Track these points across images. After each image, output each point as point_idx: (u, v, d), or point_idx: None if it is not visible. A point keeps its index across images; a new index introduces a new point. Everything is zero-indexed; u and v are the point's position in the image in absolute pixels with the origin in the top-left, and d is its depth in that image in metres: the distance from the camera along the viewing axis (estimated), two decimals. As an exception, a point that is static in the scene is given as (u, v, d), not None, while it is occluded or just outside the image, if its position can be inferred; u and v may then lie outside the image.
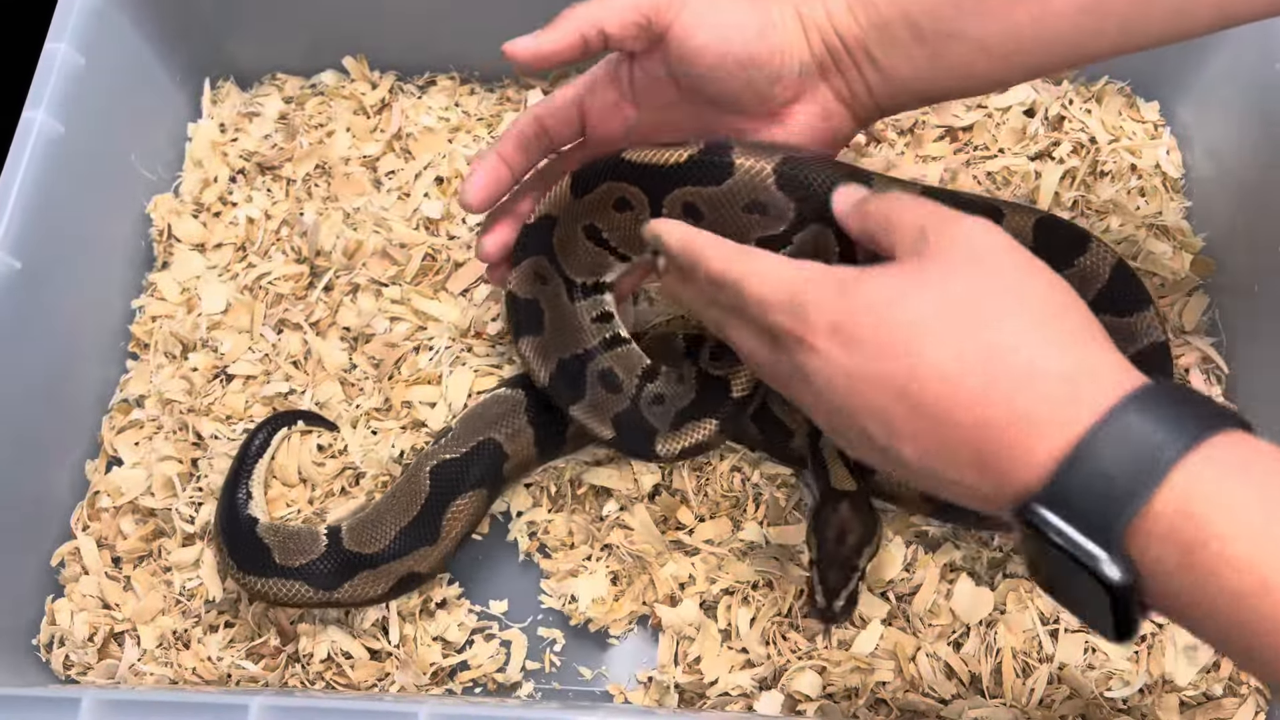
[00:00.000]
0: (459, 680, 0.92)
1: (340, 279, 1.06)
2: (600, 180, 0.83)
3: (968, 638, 0.88)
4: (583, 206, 0.84)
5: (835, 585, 0.77)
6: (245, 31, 1.14)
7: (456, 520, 0.90)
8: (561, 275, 0.88)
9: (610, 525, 0.93)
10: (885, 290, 0.58)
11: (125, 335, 1.08)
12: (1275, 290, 0.92)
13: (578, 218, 0.85)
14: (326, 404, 1.00)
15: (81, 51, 1.00)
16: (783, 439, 0.91)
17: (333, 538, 0.91)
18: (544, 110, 0.82)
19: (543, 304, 0.88)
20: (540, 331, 0.88)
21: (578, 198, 0.84)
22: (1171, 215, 1.02)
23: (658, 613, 0.90)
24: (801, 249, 0.80)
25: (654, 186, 0.81)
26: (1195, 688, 0.85)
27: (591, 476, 0.95)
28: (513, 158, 0.82)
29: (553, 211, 0.86)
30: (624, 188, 0.83)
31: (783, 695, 0.86)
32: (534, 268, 0.88)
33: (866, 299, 0.59)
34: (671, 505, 0.93)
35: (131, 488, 0.98)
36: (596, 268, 0.88)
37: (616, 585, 0.93)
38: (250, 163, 1.14)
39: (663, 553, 0.91)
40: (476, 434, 0.92)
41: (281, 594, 0.89)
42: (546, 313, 0.88)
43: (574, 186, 0.84)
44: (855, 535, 0.79)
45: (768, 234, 0.80)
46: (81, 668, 0.95)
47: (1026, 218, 0.87)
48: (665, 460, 0.90)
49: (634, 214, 0.83)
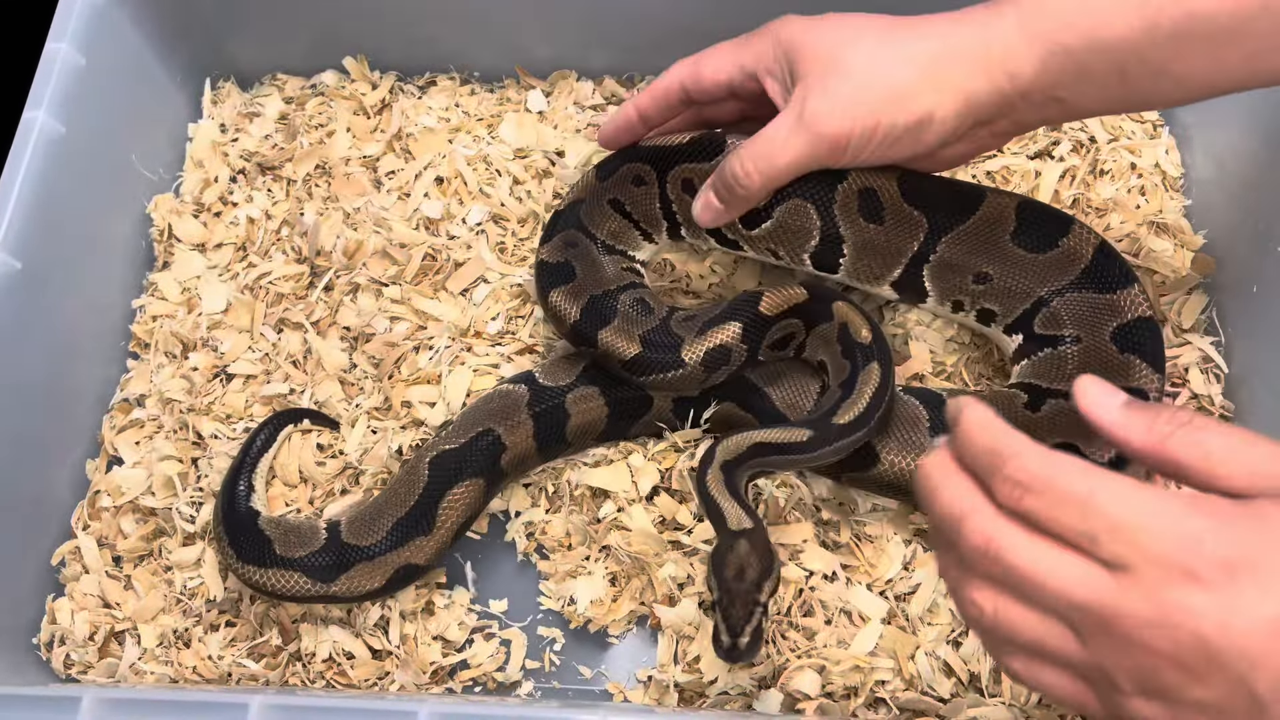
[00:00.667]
0: (459, 679, 0.92)
1: (340, 279, 1.06)
2: (620, 164, 0.95)
3: (966, 636, 0.88)
4: (606, 186, 0.95)
5: (738, 622, 0.75)
6: (246, 32, 1.14)
7: (452, 510, 0.91)
8: (591, 238, 0.95)
9: (608, 527, 0.93)
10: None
11: (126, 335, 1.08)
12: (1274, 290, 0.92)
13: (602, 195, 0.95)
14: (326, 403, 1.01)
15: (82, 52, 1.00)
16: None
17: (332, 531, 0.92)
18: (692, 84, 0.86)
19: (573, 261, 0.93)
20: (571, 279, 0.92)
21: (602, 181, 0.95)
22: (1171, 213, 1.02)
23: (656, 613, 0.90)
24: (784, 220, 0.89)
25: (661, 164, 0.93)
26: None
27: (589, 478, 0.95)
28: (648, 110, 0.90)
29: (581, 195, 0.96)
30: (639, 167, 0.94)
31: (782, 694, 0.86)
32: (564, 239, 0.95)
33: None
34: (671, 506, 0.93)
35: (132, 487, 0.99)
36: (621, 236, 0.97)
37: (615, 586, 0.93)
38: (251, 163, 1.14)
39: (660, 553, 0.91)
40: (476, 425, 0.93)
41: (280, 585, 0.89)
42: (577, 266, 0.93)
43: (599, 172, 0.96)
44: (755, 571, 0.76)
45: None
46: (82, 666, 0.95)
47: (1009, 201, 0.89)
48: (689, 375, 0.89)
49: (647, 188, 0.94)
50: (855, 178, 0.87)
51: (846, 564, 0.91)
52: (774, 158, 0.79)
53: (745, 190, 0.82)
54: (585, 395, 0.93)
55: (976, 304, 0.92)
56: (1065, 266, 0.89)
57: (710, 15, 1.05)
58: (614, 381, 0.93)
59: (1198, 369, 0.96)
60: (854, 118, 0.76)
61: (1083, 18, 0.71)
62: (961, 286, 0.91)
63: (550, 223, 0.97)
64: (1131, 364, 0.87)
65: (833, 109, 0.76)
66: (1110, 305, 0.88)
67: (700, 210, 0.87)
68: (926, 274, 0.91)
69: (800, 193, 0.87)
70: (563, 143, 1.11)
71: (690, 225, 0.93)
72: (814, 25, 0.79)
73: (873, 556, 0.91)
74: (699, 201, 0.87)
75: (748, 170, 0.80)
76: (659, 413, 0.94)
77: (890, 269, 0.91)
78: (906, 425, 0.88)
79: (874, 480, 0.89)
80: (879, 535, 0.92)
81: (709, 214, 0.86)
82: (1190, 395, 0.96)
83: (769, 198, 0.86)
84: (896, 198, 0.88)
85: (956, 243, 0.89)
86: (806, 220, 0.89)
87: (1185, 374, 0.96)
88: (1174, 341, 0.97)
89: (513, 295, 1.04)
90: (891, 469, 0.87)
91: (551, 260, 0.94)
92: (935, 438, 0.61)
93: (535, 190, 1.09)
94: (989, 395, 0.91)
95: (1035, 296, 0.90)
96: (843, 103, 0.76)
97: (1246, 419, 0.94)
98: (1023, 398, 0.88)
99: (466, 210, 1.08)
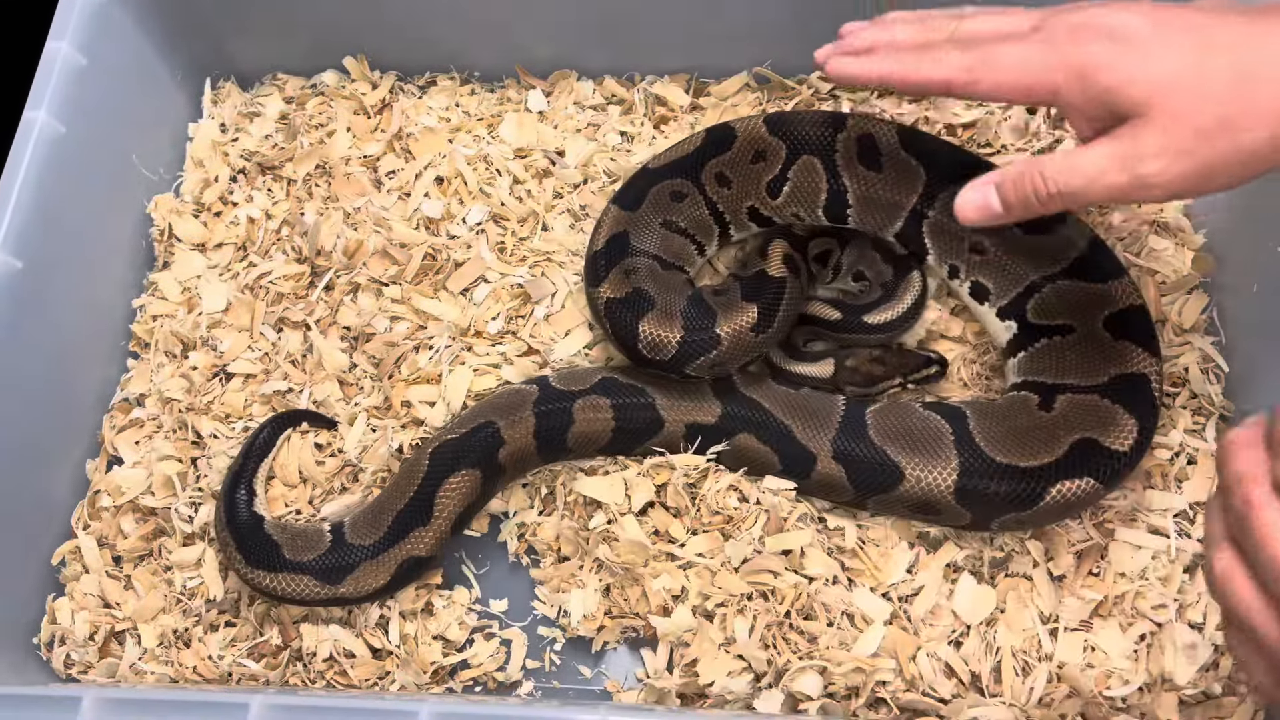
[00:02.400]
0: (459, 679, 0.92)
1: (340, 278, 1.06)
2: (645, 187, 0.97)
3: (967, 637, 0.87)
4: (645, 212, 0.96)
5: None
6: (246, 31, 1.14)
7: (449, 499, 0.91)
8: (651, 256, 0.96)
9: (598, 538, 0.92)
10: None
11: (126, 334, 1.08)
12: (1275, 289, 0.92)
13: (649, 220, 0.97)
14: (324, 402, 1.01)
15: (83, 51, 1.00)
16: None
17: (336, 533, 0.92)
18: (962, 91, 0.74)
19: (643, 286, 0.92)
20: (653, 305, 0.91)
21: (630, 210, 0.96)
22: (1172, 212, 1.02)
23: (651, 623, 0.89)
24: (797, 179, 0.94)
25: (689, 170, 0.97)
26: (1194, 686, 0.84)
27: (583, 486, 0.94)
28: (898, 87, 0.77)
29: (619, 228, 0.95)
30: (671, 184, 0.97)
31: (783, 694, 0.86)
32: (621, 271, 0.93)
33: None
34: (665, 520, 0.92)
35: (132, 487, 0.99)
36: (681, 253, 0.98)
37: (608, 597, 0.92)
38: (251, 162, 1.14)
39: (650, 561, 0.90)
40: (479, 417, 0.93)
41: (290, 589, 0.89)
42: (649, 289, 0.92)
43: (620, 203, 0.97)
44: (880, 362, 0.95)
45: (771, 176, 0.95)
46: (82, 666, 0.95)
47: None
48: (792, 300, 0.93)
49: (689, 200, 0.97)
50: (855, 124, 0.93)
51: (850, 567, 0.90)
52: (1085, 192, 0.70)
53: (1037, 206, 0.72)
54: (593, 404, 0.92)
55: (971, 274, 0.94)
56: (1058, 253, 0.91)
57: (712, 15, 1.05)
58: (626, 395, 0.92)
59: (1198, 368, 0.96)
60: (1183, 174, 0.67)
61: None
62: (958, 251, 0.94)
63: (591, 263, 0.95)
64: (1127, 350, 0.87)
65: (1163, 163, 0.67)
66: (1102, 295, 0.89)
67: (972, 210, 0.75)
68: (926, 229, 0.94)
69: (806, 148, 0.93)
70: (563, 142, 1.11)
71: (738, 223, 0.98)
72: (1133, 62, 0.68)
73: (878, 560, 0.91)
74: (970, 200, 0.75)
75: (1048, 186, 0.71)
76: (670, 437, 0.93)
77: (893, 220, 0.94)
78: (930, 441, 0.87)
79: (900, 500, 0.87)
80: (883, 539, 0.92)
81: (981, 214, 0.75)
82: (1190, 395, 0.95)
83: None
84: (895, 145, 0.92)
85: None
86: (815, 176, 0.94)
87: (1185, 373, 0.96)
88: (1174, 341, 0.97)
89: (513, 295, 1.03)
90: (917, 485, 0.86)
91: (620, 295, 0.91)
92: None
93: (535, 190, 1.09)
94: (1003, 403, 0.91)
95: (1028, 280, 0.91)
96: (1172, 152, 0.67)
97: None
98: (1034, 399, 0.88)
99: (466, 210, 1.08)
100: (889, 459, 0.86)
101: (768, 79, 1.11)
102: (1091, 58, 0.68)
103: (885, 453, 0.87)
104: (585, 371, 0.96)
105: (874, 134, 0.93)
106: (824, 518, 0.92)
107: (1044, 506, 0.84)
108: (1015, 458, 0.84)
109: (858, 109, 1.04)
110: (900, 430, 0.88)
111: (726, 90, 1.12)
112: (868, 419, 0.90)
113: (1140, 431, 0.84)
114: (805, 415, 0.91)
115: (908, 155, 0.92)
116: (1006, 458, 0.85)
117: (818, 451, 0.89)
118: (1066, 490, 0.83)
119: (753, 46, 1.09)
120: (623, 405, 0.92)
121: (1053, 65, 0.70)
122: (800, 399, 0.92)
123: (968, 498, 0.85)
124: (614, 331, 0.91)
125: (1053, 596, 0.88)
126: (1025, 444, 0.85)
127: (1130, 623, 0.87)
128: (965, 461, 0.85)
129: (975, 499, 0.85)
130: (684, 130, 1.09)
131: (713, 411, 0.92)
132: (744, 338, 0.89)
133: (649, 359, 0.90)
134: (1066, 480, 0.83)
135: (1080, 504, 0.84)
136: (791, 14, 1.03)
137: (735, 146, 0.96)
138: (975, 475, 0.85)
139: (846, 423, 0.89)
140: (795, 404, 0.92)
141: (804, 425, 0.90)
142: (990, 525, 0.88)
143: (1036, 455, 0.84)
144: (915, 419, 0.89)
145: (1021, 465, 0.84)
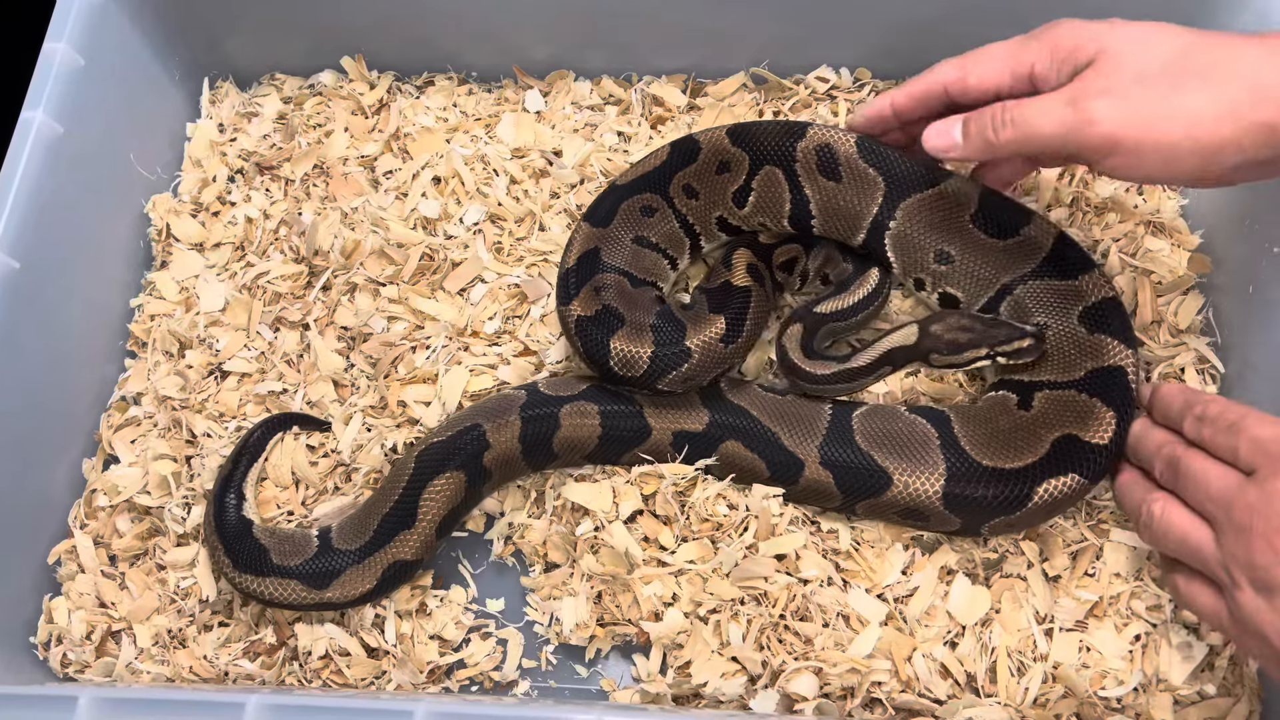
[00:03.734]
0: (456, 678, 0.92)
1: (338, 278, 1.06)
2: (615, 203, 0.97)
3: (963, 637, 0.88)
4: (616, 228, 0.96)
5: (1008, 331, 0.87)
6: (244, 32, 1.14)
7: (432, 502, 0.91)
8: (621, 273, 0.95)
9: (585, 546, 0.92)
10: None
11: (124, 334, 1.08)
12: (1271, 290, 0.92)
13: (620, 236, 0.96)
14: (319, 402, 1.01)
15: (80, 51, 1.00)
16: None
17: (323, 538, 0.92)
18: (958, 89, 0.83)
19: (612, 304, 0.92)
20: (622, 322, 0.91)
21: (600, 226, 0.96)
22: (1168, 213, 1.02)
23: (643, 629, 0.89)
24: (761, 189, 0.95)
25: (657, 185, 0.97)
26: (1189, 686, 0.85)
27: (571, 492, 0.94)
28: (905, 108, 0.88)
29: (590, 245, 0.95)
30: (641, 198, 0.97)
31: (778, 695, 0.86)
32: (591, 287, 0.93)
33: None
34: (655, 527, 0.92)
35: (128, 486, 0.99)
36: (653, 269, 0.98)
37: (600, 605, 0.92)
38: (249, 162, 1.14)
39: (638, 566, 0.90)
40: (466, 420, 0.93)
41: (278, 594, 0.89)
42: (618, 306, 0.92)
43: (591, 220, 0.97)
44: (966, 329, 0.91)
45: (736, 186, 0.95)
46: (79, 666, 0.95)
47: (972, 186, 0.92)
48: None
49: (659, 215, 0.97)
50: (814, 134, 0.94)
51: (845, 569, 0.90)
52: (1036, 124, 0.76)
53: (993, 139, 0.79)
54: (580, 410, 0.92)
55: (939, 285, 0.94)
56: (1026, 255, 0.91)
57: (709, 15, 1.05)
58: (614, 402, 0.92)
59: (1194, 369, 0.96)
60: (1124, 119, 0.74)
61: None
62: (923, 264, 0.94)
63: (562, 281, 0.94)
64: (1103, 343, 0.87)
65: (1105, 102, 0.74)
66: (1074, 290, 0.90)
67: (936, 136, 0.83)
68: (889, 241, 0.93)
69: (768, 158, 0.94)
70: (560, 142, 1.11)
71: (708, 234, 0.98)
72: (1095, 28, 0.77)
73: (873, 561, 0.91)
74: (937, 128, 0.83)
75: (1005, 120, 0.78)
76: (657, 444, 0.93)
77: (855, 230, 0.94)
78: (917, 445, 0.87)
79: (889, 505, 0.88)
80: (878, 541, 0.92)
81: (944, 141, 0.82)
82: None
83: (1006, 158, 0.88)
84: (853, 155, 0.92)
85: (915, 212, 0.92)
86: (777, 186, 0.94)
87: (1181, 374, 0.96)
88: (1170, 342, 0.97)
89: (510, 295, 1.04)
90: (905, 490, 0.86)
91: (589, 313, 0.91)
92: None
93: (533, 190, 1.09)
94: (983, 405, 0.91)
95: (999, 284, 0.92)
96: (1114, 93, 0.74)
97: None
98: (1013, 399, 0.89)
99: (464, 210, 1.08)
100: (876, 464, 0.87)
101: (765, 79, 1.11)
102: (1061, 33, 0.78)
103: (872, 458, 0.87)
104: (576, 379, 0.96)
105: (832, 144, 0.93)
106: (817, 521, 0.92)
107: (1032, 508, 0.84)
108: (1000, 460, 0.85)
109: (857, 108, 1.04)
110: (886, 435, 0.88)
111: (724, 90, 1.12)
112: (854, 424, 0.90)
113: (1119, 423, 0.84)
114: (792, 422, 0.91)
115: (865, 165, 0.92)
116: (992, 461, 0.85)
117: (805, 458, 0.89)
118: (1052, 489, 0.83)
119: (750, 47, 1.09)
120: (610, 412, 0.92)
121: (1030, 49, 0.79)
122: (787, 405, 0.92)
123: (955, 503, 0.85)
124: (585, 349, 0.91)
125: (1048, 597, 0.88)
126: (1009, 446, 0.85)
127: (1125, 623, 0.88)
128: (952, 466, 0.85)
129: (963, 504, 0.85)
130: (680, 130, 1.10)
131: (700, 419, 0.92)
132: (714, 349, 0.89)
133: (621, 376, 0.90)
134: (1051, 479, 0.83)
135: (1066, 501, 0.84)
136: (788, 14, 1.03)
137: (700, 158, 0.96)
138: (962, 480, 0.85)
139: (833, 428, 0.89)
140: (782, 410, 0.92)
141: (791, 432, 0.90)
142: (980, 530, 0.88)
143: (1020, 456, 0.84)
144: (901, 423, 0.89)
145: (1006, 468, 0.84)
